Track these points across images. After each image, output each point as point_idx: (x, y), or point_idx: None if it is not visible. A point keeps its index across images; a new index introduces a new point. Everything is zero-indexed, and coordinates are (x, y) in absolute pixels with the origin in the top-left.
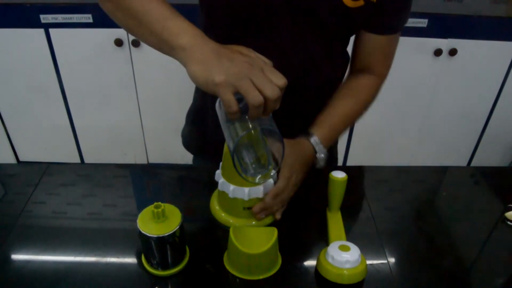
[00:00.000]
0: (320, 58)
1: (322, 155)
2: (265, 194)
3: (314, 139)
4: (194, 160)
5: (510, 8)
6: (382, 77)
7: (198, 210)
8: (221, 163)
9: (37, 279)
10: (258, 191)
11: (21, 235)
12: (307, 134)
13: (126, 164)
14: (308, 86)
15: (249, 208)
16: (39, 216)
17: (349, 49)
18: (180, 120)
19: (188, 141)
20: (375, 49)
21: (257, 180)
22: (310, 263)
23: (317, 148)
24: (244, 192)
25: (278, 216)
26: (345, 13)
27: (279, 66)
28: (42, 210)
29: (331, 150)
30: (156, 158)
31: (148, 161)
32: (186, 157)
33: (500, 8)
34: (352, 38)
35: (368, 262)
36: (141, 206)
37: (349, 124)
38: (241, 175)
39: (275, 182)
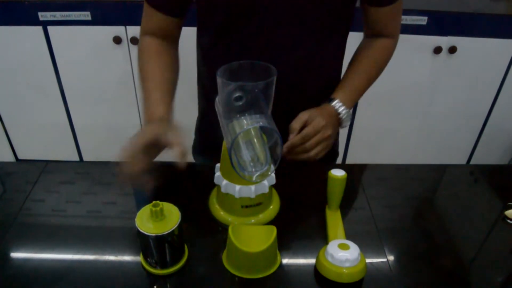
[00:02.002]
0: (317, 54)
1: (345, 114)
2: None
3: (336, 102)
4: None
5: (510, 6)
6: (394, 37)
7: (197, 209)
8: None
9: (36, 277)
10: (249, 190)
11: (20, 233)
12: (329, 100)
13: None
14: (306, 83)
15: (248, 207)
16: (38, 214)
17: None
18: (178, 117)
19: (199, 151)
20: (381, 19)
21: (254, 179)
22: (309, 261)
23: (340, 109)
24: (235, 189)
25: (312, 154)
26: None
27: (275, 63)
28: (41, 208)
29: (334, 143)
30: None
31: None
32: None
33: (500, 6)
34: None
35: (368, 260)
36: (140, 204)
37: (369, 83)
38: (238, 174)
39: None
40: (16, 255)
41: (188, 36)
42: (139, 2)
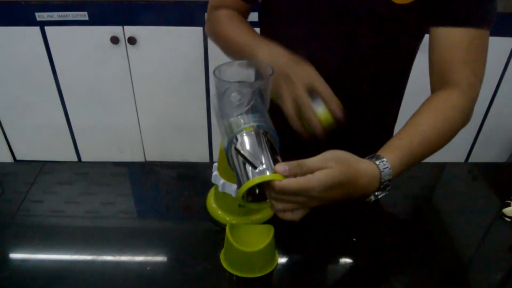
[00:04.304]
0: (365, 62)
1: (387, 183)
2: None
3: (382, 162)
4: None
5: (508, 4)
6: (470, 86)
7: (195, 208)
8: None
9: (34, 278)
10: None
11: (18, 234)
12: (373, 157)
13: (123, 162)
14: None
15: (245, 206)
16: (36, 214)
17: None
18: (176, 117)
19: None
20: (452, 49)
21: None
22: (308, 260)
23: (383, 173)
24: (232, 188)
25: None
26: (392, 11)
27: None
28: (39, 208)
29: None
30: (153, 155)
31: (145, 158)
32: (183, 155)
33: (498, 4)
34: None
35: (364, 259)
36: (138, 204)
37: (431, 147)
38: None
39: None
40: (13, 256)
41: (193, 36)
42: (136, 2)
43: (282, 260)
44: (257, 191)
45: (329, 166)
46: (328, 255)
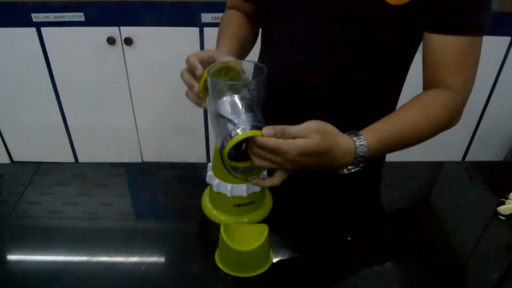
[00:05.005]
0: (361, 61)
1: (360, 159)
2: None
3: (359, 139)
4: None
5: (503, 3)
6: (459, 92)
7: (190, 208)
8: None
9: (31, 279)
10: (241, 189)
11: (14, 235)
12: (352, 133)
13: (120, 163)
14: (337, 89)
15: (240, 206)
16: (32, 215)
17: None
18: (173, 117)
19: None
20: (443, 55)
21: (246, 178)
22: (302, 259)
23: (358, 149)
24: (227, 188)
25: (264, 182)
26: (387, 11)
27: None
28: (36, 209)
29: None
30: (150, 156)
31: (142, 159)
32: (180, 155)
33: (494, 3)
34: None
35: (362, 259)
36: (135, 205)
37: (409, 139)
38: (230, 173)
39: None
40: (10, 257)
41: (190, 36)
42: (133, 2)
43: (277, 259)
44: (243, 147)
45: (310, 137)
46: (323, 254)
